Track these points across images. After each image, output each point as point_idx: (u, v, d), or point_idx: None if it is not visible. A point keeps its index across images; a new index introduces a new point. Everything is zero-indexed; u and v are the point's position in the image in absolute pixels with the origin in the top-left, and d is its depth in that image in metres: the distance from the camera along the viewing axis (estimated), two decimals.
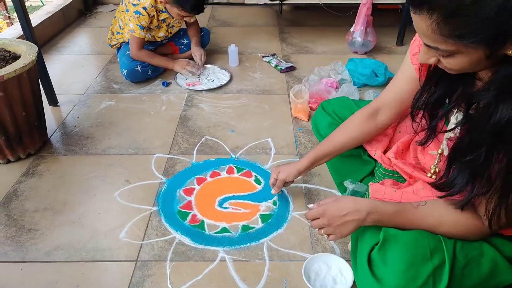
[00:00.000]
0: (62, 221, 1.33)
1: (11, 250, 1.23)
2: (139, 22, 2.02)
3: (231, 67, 2.35)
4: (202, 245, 1.24)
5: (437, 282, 0.79)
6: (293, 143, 1.70)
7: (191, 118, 1.88)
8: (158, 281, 1.13)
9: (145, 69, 2.13)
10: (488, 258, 0.81)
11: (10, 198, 1.42)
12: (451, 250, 0.82)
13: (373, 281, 0.84)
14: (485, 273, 0.81)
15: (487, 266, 0.81)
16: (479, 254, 0.82)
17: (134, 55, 2.10)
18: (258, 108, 1.96)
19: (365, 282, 0.86)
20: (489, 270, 0.81)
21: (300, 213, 1.35)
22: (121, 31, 2.20)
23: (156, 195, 1.43)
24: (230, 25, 3.02)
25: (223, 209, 1.37)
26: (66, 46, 2.66)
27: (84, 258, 1.20)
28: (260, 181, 1.49)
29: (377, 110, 1.12)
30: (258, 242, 1.25)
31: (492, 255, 0.82)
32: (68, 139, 1.74)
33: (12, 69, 1.41)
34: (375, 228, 0.91)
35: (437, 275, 0.79)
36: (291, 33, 2.86)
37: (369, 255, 0.89)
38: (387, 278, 0.82)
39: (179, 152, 1.65)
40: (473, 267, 0.81)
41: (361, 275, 0.89)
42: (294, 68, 2.34)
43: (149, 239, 1.26)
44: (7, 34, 2.40)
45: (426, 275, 0.79)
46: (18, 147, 1.56)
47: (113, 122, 1.85)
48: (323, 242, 1.24)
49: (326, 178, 1.48)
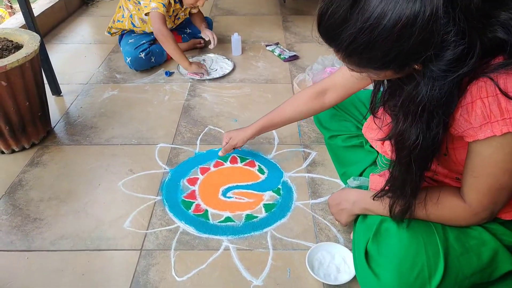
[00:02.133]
0: (67, 210, 1.34)
1: (17, 239, 1.24)
2: (161, 0, 1.96)
3: (234, 56, 2.33)
4: (206, 234, 1.24)
5: (433, 271, 0.79)
6: (297, 133, 1.69)
7: (194, 107, 1.87)
8: (162, 270, 1.14)
9: (148, 56, 2.12)
10: (488, 247, 0.82)
11: (15, 187, 1.43)
12: (443, 238, 0.82)
13: (369, 273, 0.85)
14: (485, 262, 0.81)
15: (488, 255, 0.81)
16: (479, 244, 0.82)
17: (159, 30, 1.97)
18: (261, 97, 1.95)
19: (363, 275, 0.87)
20: (489, 259, 0.81)
21: (304, 203, 1.35)
22: (122, 19, 2.18)
23: (160, 185, 1.43)
24: (233, 14, 2.99)
25: (227, 198, 1.38)
26: (68, 35, 2.65)
27: (89, 247, 1.21)
28: (264, 171, 1.49)
29: (325, 90, 1.21)
30: (261, 231, 1.25)
31: (493, 245, 0.81)
32: (72, 129, 1.74)
33: (15, 58, 1.41)
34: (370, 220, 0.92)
35: (432, 264, 0.79)
36: (294, 21, 2.83)
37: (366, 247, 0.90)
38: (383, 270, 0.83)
39: (182, 142, 1.65)
40: (472, 256, 0.81)
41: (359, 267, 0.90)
42: (298, 57, 2.32)
43: (153, 229, 1.27)
44: (9, 23, 2.39)
45: (421, 264, 0.80)
46: (22, 137, 1.57)
47: (116, 112, 1.85)
48: (327, 231, 1.25)
49: (329, 168, 1.47)
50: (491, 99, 0.65)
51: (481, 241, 0.82)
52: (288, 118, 1.31)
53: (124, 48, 2.15)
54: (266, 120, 1.35)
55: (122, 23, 2.19)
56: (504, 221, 0.84)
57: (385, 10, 0.58)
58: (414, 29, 0.58)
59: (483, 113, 0.66)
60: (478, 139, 0.69)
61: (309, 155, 1.57)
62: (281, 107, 1.32)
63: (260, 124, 1.36)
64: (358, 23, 0.61)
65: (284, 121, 1.33)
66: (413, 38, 0.59)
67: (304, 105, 1.26)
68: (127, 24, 2.15)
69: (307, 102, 1.25)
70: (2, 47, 1.54)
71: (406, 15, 0.57)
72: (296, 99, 1.28)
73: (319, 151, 1.58)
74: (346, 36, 0.63)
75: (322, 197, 1.37)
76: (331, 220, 1.28)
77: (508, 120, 0.65)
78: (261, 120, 1.36)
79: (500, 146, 0.68)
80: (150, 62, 2.15)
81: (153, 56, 2.14)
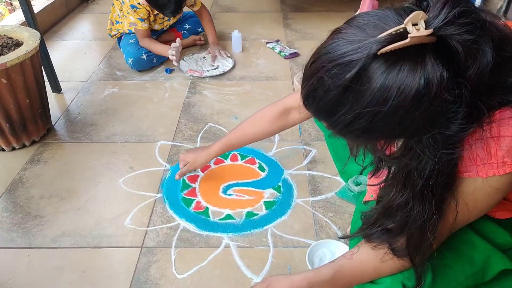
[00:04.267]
0: (67, 208, 1.34)
1: (18, 237, 1.24)
2: (138, 15, 2.03)
3: (235, 54, 2.33)
4: (206, 232, 1.24)
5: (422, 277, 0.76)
6: (297, 130, 1.69)
7: (195, 105, 1.87)
8: (163, 267, 1.14)
9: (150, 57, 2.12)
10: (480, 251, 0.78)
11: (16, 185, 1.43)
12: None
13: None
14: (478, 266, 0.78)
15: (480, 259, 0.78)
16: (469, 248, 0.79)
17: (140, 42, 2.13)
18: (261, 95, 1.95)
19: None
20: (481, 263, 0.78)
21: (304, 200, 1.35)
22: (120, 20, 2.18)
23: (161, 182, 1.43)
24: (234, 11, 2.98)
25: (227, 196, 1.38)
26: (68, 32, 2.64)
27: (90, 244, 1.21)
28: (264, 168, 1.49)
29: (289, 110, 1.16)
30: (262, 228, 1.26)
31: (484, 248, 0.78)
32: (72, 126, 1.74)
33: (15, 56, 1.41)
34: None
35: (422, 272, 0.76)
36: (295, 19, 2.82)
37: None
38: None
39: (183, 139, 1.65)
40: (464, 262, 0.78)
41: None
42: (298, 54, 2.31)
43: (154, 226, 1.27)
44: (9, 20, 2.39)
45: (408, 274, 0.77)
46: (22, 134, 1.57)
47: (116, 109, 1.85)
48: (327, 229, 1.25)
49: (330, 165, 1.47)
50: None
51: (472, 245, 0.79)
52: (249, 139, 1.26)
53: (125, 48, 2.14)
54: (228, 142, 1.28)
55: (122, 24, 2.19)
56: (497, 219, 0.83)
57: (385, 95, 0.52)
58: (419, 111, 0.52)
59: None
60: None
61: (309, 152, 1.57)
62: (242, 128, 1.25)
63: (220, 146, 1.28)
64: (355, 108, 0.54)
65: (245, 142, 1.27)
66: (416, 120, 0.54)
67: (267, 126, 1.20)
68: (126, 26, 2.15)
69: (270, 122, 1.19)
70: (2, 44, 1.54)
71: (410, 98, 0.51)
72: (258, 119, 1.22)
73: (319, 148, 1.58)
74: (341, 120, 0.56)
75: (322, 194, 1.37)
76: (331, 218, 1.28)
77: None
78: (221, 142, 1.28)
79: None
80: (152, 63, 2.15)
81: (155, 57, 2.14)
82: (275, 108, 1.18)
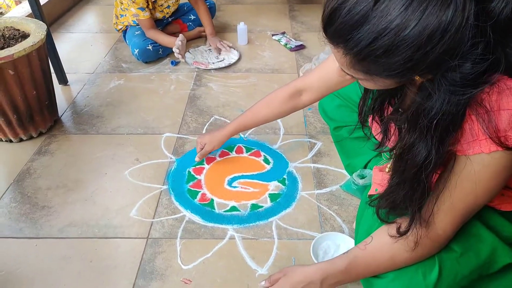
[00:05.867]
0: (74, 198, 1.35)
1: (26, 227, 1.26)
2: (137, 5, 2.03)
3: (240, 46, 2.32)
4: (211, 223, 1.25)
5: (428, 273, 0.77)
6: (302, 123, 1.69)
7: (200, 97, 1.87)
8: (168, 258, 1.15)
9: (156, 48, 2.12)
10: (486, 244, 0.78)
11: (23, 176, 1.45)
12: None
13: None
14: (483, 259, 0.78)
15: (486, 251, 0.78)
16: (477, 240, 0.79)
17: (146, 33, 2.13)
18: (267, 87, 1.94)
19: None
20: (487, 256, 0.78)
21: (309, 193, 1.36)
22: (124, 13, 2.17)
23: (166, 174, 1.44)
24: (239, 3, 2.97)
25: (232, 188, 1.38)
26: (75, 24, 2.65)
27: (96, 234, 1.23)
28: (269, 161, 1.49)
29: (300, 91, 1.19)
30: (267, 220, 1.26)
31: (491, 240, 0.78)
32: (79, 118, 1.75)
33: (22, 47, 1.41)
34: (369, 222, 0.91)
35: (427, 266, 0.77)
36: (301, 10, 2.80)
37: None
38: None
39: (188, 132, 1.65)
40: (471, 255, 0.78)
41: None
42: (304, 46, 2.30)
43: (159, 217, 1.28)
44: (16, 12, 2.39)
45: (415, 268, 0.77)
46: (29, 126, 1.58)
47: (122, 101, 1.85)
48: (332, 221, 1.25)
49: (335, 158, 1.47)
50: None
51: (479, 237, 0.79)
52: (262, 119, 1.30)
53: (132, 40, 2.14)
54: (241, 123, 1.33)
55: (126, 17, 2.18)
56: (503, 212, 0.82)
57: (415, 13, 0.53)
58: (443, 37, 0.53)
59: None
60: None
61: (314, 145, 1.56)
62: (255, 108, 1.30)
63: (235, 126, 1.34)
64: (382, 23, 0.54)
65: (257, 122, 1.33)
66: (439, 47, 0.54)
67: (278, 107, 1.23)
68: (130, 18, 2.14)
69: (281, 103, 1.22)
70: (9, 36, 1.54)
71: (436, 22, 0.52)
72: (271, 100, 1.25)
73: (324, 141, 1.58)
74: (364, 37, 0.56)
75: (327, 187, 1.38)
76: (336, 210, 1.29)
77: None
78: (235, 122, 1.34)
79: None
80: (158, 54, 2.15)
81: (160, 48, 2.14)
82: (286, 89, 1.21)
